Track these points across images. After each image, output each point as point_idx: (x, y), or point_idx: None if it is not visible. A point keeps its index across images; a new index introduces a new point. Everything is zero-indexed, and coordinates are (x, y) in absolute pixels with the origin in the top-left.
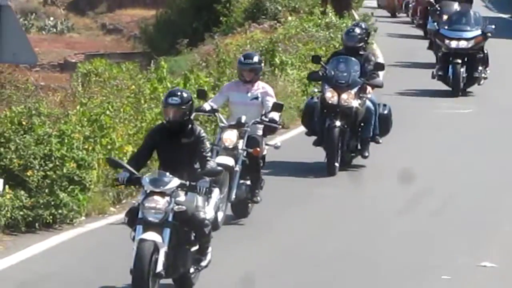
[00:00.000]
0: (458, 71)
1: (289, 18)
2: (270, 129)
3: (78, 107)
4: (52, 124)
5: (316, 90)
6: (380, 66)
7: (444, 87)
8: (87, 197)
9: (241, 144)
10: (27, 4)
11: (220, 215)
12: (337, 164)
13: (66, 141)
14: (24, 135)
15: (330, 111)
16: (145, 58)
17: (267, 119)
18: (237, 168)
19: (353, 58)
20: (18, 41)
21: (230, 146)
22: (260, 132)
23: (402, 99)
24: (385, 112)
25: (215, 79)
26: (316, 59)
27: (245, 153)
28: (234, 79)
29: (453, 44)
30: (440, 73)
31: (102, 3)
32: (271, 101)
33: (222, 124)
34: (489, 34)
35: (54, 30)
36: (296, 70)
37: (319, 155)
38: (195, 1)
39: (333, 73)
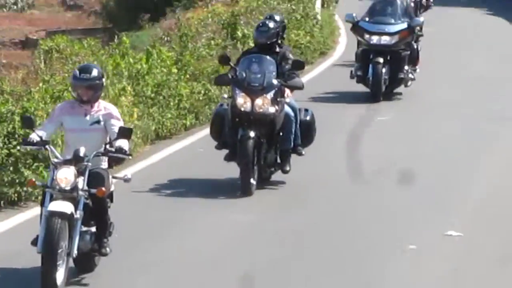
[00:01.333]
0: (379, 72)
1: None
2: (118, 160)
3: (40, 84)
4: (15, 101)
5: (226, 96)
6: (299, 65)
7: (365, 89)
8: None
9: (81, 184)
10: None
11: (61, 274)
12: (253, 182)
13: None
14: None
15: (243, 120)
16: (107, 34)
17: (113, 149)
18: (78, 214)
19: (267, 57)
20: None
21: (67, 188)
22: (105, 165)
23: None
24: (307, 118)
25: (177, 54)
26: (223, 59)
27: (87, 194)
28: (68, 99)
29: (374, 39)
30: (359, 73)
31: None
32: (117, 125)
33: (56, 160)
34: (418, 29)
35: (15, 7)
36: None
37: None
38: None
39: (244, 75)
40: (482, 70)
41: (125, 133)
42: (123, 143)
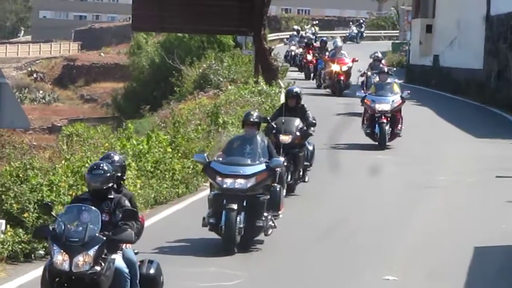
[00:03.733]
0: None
1: (229, 87)
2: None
3: (63, 162)
4: (43, 175)
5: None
6: (130, 214)
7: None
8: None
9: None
10: (21, 80)
11: None
12: None
13: (54, 189)
14: (21, 185)
15: (63, 280)
16: (116, 121)
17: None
18: None
19: (92, 208)
20: (15, 111)
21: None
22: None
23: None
24: (151, 271)
25: (172, 136)
26: (44, 208)
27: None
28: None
29: (228, 182)
30: (211, 220)
31: (81, 78)
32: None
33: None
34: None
35: (43, 101)
36: (236, 128)
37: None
38: (155, 75)
39: (63, 227)
40: (417, 150)
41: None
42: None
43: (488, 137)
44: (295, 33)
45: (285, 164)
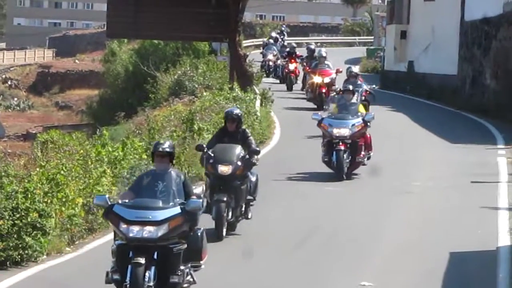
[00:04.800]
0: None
1: (204, 93)
2: None
3: (38, 169)
4: (18, 182)
5: None
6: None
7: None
8: (47, 240)
9: None
10: None
11: None
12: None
13: (29, 196)
14: None
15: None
16: (91, 128)
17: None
18: None
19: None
20: None
21: None
22: None
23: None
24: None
25: (147, 143)
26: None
27: None
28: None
29: (134, 230)
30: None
31: (56, 85)
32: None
33: None
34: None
35: (18, 108)
36: (211, 135)
37: None
38: (130, 82)
39: None
40: (392, 155)
41: None
42: None
43: (463, 143)
44: (271, 40)
45: (225, 199)
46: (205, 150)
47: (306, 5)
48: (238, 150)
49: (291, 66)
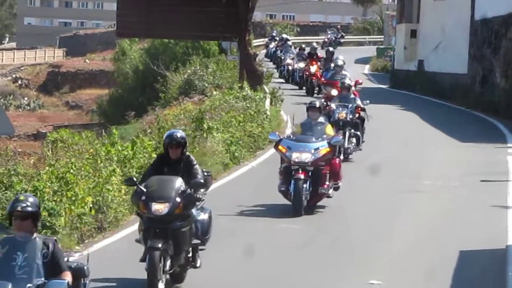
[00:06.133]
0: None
1: (214, 92)
2: None
3: (47, 168)
4: (28, 181)
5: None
6: None
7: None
8: (57, 239)
9: None
10: (6, 87)
11: None
12: None
13: (39, 195)
14: (6, 191)
15: None
16: (101, 128)
17: None
18: None
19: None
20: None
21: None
22: None
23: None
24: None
25: (157, 142)
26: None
27: None
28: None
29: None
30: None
31: (66, 85)
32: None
33: None
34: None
35: (28, 107)
36: (221, 133)
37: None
38: (140, 81)
39: None
40: (401, 154)
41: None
42: None
43: (472, 142)
44: (289, 43)
45: (160, 246)
46: (137, 184)
47: (316, 4)
48: (178, 183)
49: (312, 69)
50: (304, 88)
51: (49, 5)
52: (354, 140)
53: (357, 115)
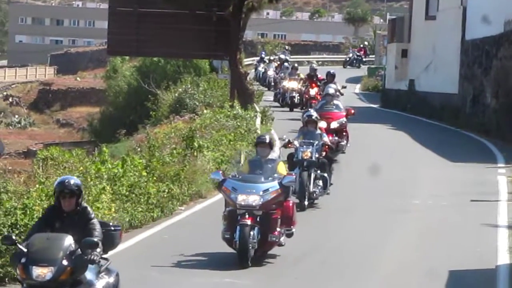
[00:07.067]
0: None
1: (205, 111)
2: None
3: (37, 185)
4: (17, 199)
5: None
6: None
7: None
8: None
9: None
10: None
11: None
12: None
13: (28, 212)
14: None
15: None
16: (92, 146)
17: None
18: None
19: None
20: None
21: None
22: None
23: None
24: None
25: (147, 160)
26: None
27: None
28: None
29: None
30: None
31: (57, 103)
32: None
33: None
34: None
35: (19, 125)
36: (211, 152)
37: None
38: (130, 99)
39: None
40: (392, 174)
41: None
42: None
43: (463, 161)
44: (286, 64)
45: None
46: (16, 244)
47: (307, 23)
48: (67, 242)
49: (312, 91)
50: (295, 109)
51: (41, 22)
52: (320, 182)
53: (323, 153)
